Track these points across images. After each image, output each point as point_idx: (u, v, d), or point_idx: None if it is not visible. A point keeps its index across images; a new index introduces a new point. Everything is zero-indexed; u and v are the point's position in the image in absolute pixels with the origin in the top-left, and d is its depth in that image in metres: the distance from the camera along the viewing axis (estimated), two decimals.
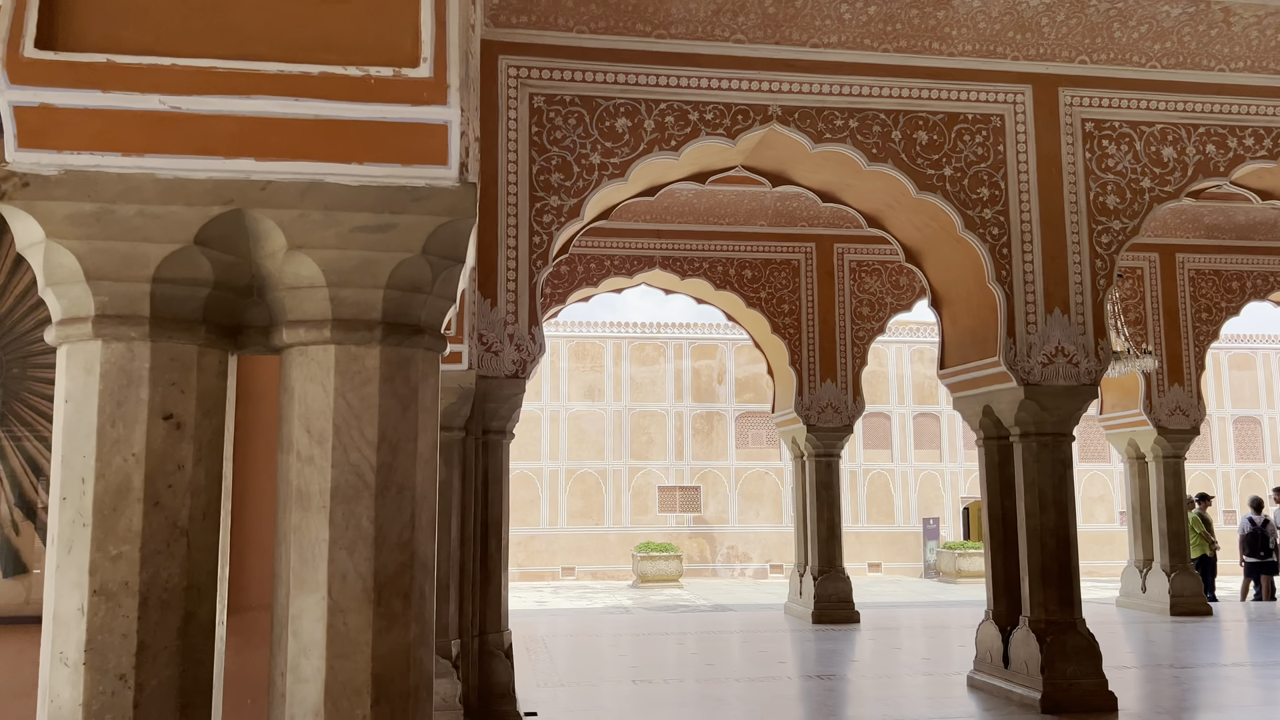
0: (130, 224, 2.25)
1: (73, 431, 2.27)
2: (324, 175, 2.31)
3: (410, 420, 2.41)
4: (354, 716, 2.26)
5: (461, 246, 2.46)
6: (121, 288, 2.27)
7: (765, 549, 33.64)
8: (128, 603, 2.22)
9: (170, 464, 2.29)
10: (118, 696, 2.19)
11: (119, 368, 2.27)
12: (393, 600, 2.33)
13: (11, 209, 2.23)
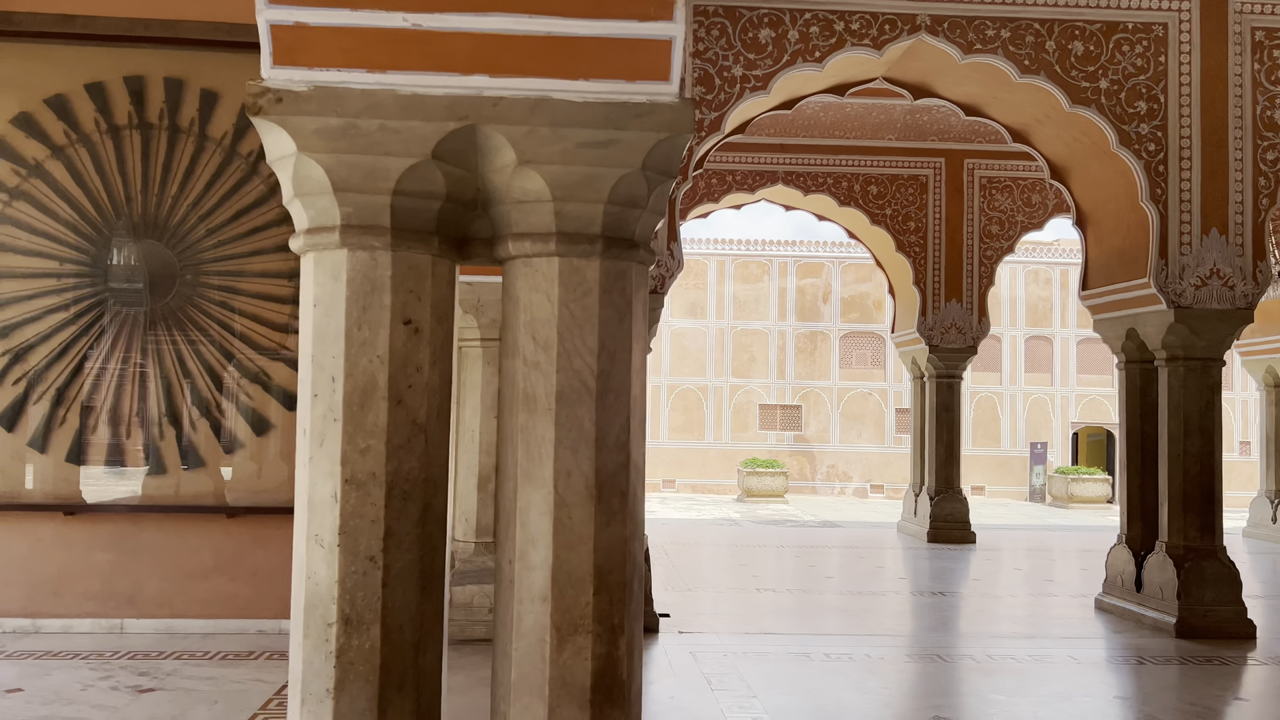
0: (373, 138, 2.38)
1: (322, 333, 2.44)
2: (551, 92, 2.39)
3: (626, 330, 2.52)
4: (578, 603, 2.43)
5: (677, 162, 2.52)
6: (365, 199, 2.41)
7: (866, 469, 33.58)
8: (375, 492, 2.41)
9: (410, 366, 2.45)
10: (368, 576, 2.40)
11: (364, 275, 2.43)
12: (611, 498, 2.47)
13: (265, 123, 2.37)
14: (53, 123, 6.17)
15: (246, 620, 6.15)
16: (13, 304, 6.13)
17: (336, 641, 2.38)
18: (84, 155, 6.18)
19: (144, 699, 4.74)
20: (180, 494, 6.18)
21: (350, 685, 2.38)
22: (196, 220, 6.24)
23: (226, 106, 6.27)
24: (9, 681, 5.01)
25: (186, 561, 6.18)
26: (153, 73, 6.23)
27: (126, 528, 6.15)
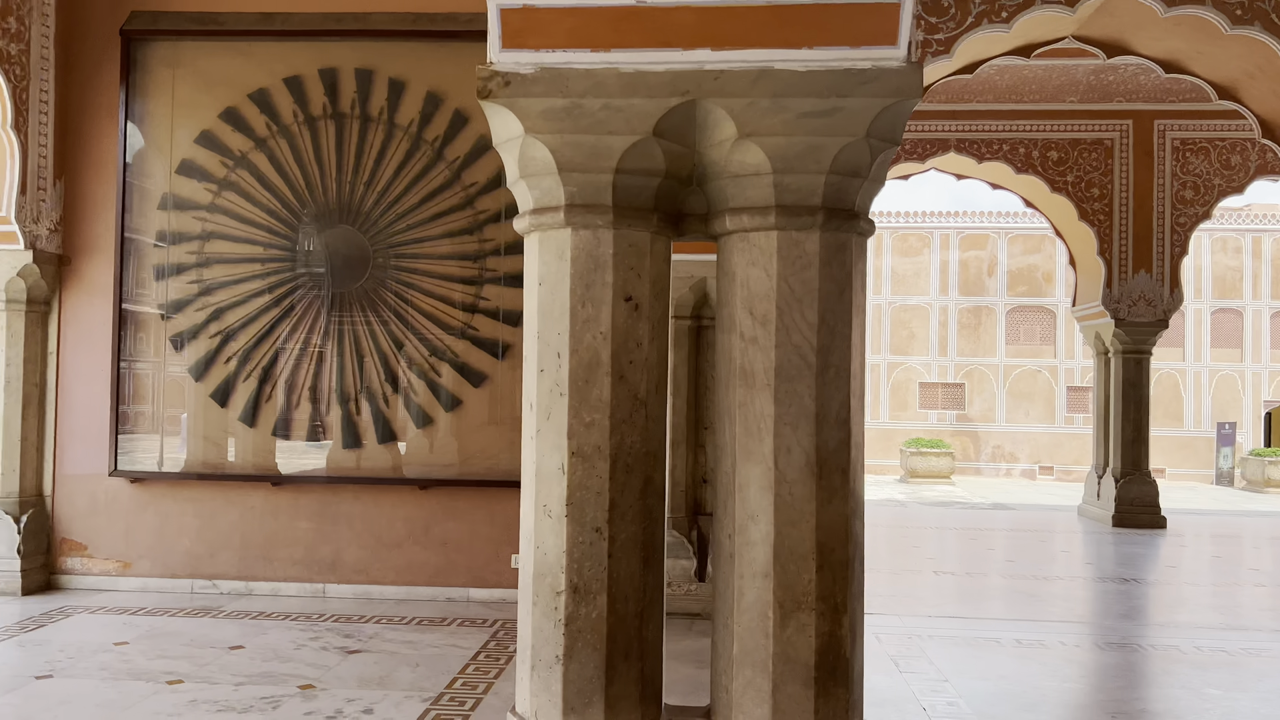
0: (596, 117, 2.40)
1: (546, 311, 2.50)
2: (774, 62, 2.35)
3: (846, 304, 2.47)
4: (800, 580, 2.41)
5: (901, 128, 2.44)
6: (589, 178, 2.45)
7: (1035, 449, 32.18)
8: (600, 465, 2.46)
9: (631, 341, 2.48)
10: (594, 546, 2.45)
11: (587, 253, 2.47)
12: (833, 475, 2.44)
13: (493, 106, 2.43)
14: (256, 116, 6.56)
15: (436, 588, 6.43)
16: (223, 288, 6.57)
17: (565, 610, 2.45)
18: (284, 146, 6.55)
19: (351, 659, 5.03)
20: (375, 467, 6.50)
21: (579, 653, 2.44)
22: (386, 206, 6.52)
23: (413, 94, 6.51)
24: (231, 639, 5.40)
25: (381, 531, 6.51)
26: (345, 64, 6.53)
27: (327, 498, 6.53)
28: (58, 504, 6.61)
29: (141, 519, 6.57)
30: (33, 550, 6.42)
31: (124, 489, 6.58)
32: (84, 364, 6.63)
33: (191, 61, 6.59)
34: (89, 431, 6.60)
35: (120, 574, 6.54)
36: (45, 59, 6.42)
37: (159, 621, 5.74)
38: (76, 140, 6.63)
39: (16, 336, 6.44)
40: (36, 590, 6.40)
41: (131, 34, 6.54)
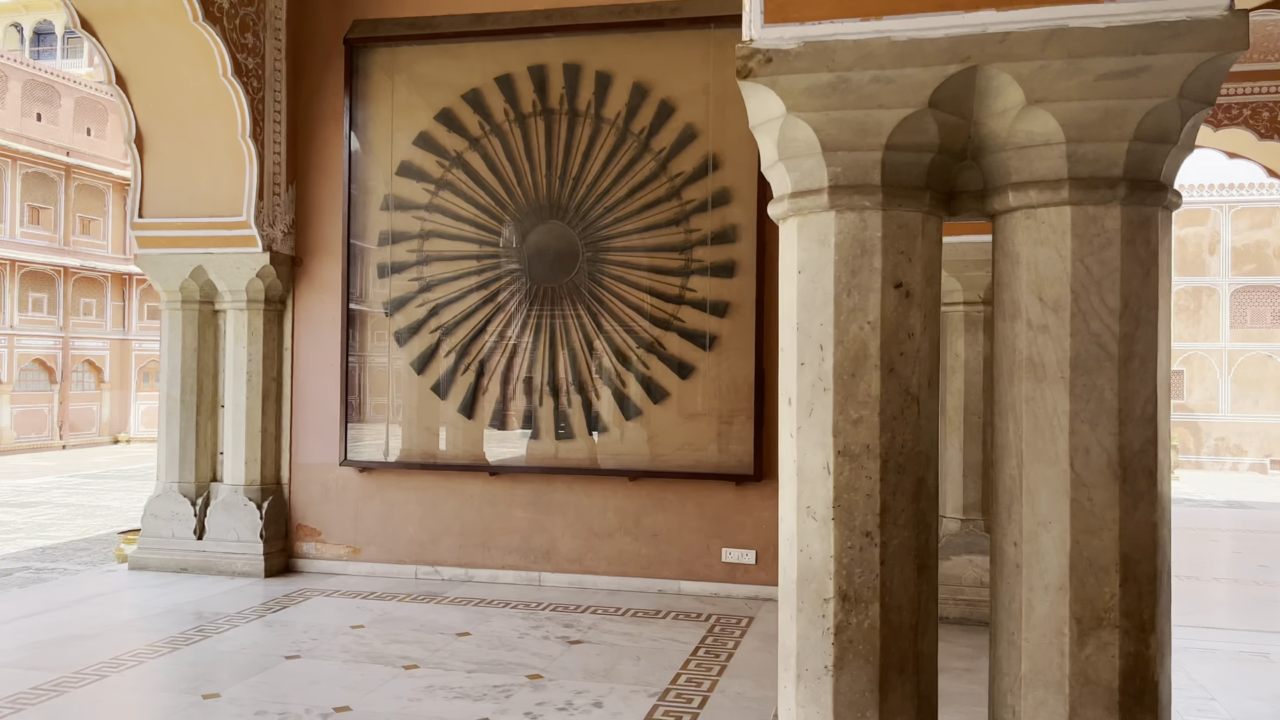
0: (864, 91, 2.23)
1: (807, 300, 2.35)
2: (1067, 20, 2.11)
3: (1151, 286, 2.20)
4: (1100, 594, 2.17)
5: (1217, 88, 2.15)
6: (855, 157, 2.28)
7: (1265, 441, 29.45)
8: (869, 465, 2.29)
9: (901, 332, 2.30)
10: (865, 552, 2.29)
11: (852, 237, 2.30)
12: (1138, 478, 2.18)
13: (753, 85, 2.30)
14: (469, 116, 6.73)
15: (647, 579, 6.42)
16: (441, 284, 6.78)
17: (834, 618, 2.30)
18: (496, 144, 6.69)
19: (574, 650, 5.06)
20: (585, 458, 6.56)
21: (850, 664, 2.29)
22: (594, 199, 6.55)
23: (619, 86, 6.50)
24: (458, 625, 5.56)
25: (593, 521, 6.56)
26: (553, 61, 6.59)
27: (540, 488, 6.64)
28: (293, 491, 7.02)
29: (369, 506, 6.89)
30: (272, 535, 6.85)
31: (353, 478, 6.92)
32: (315, 359, 7.01)
33: (409, 66, 6.83)
34: (320, 423, 6.98)
35: (350, 559, 6.89)
36: (278, 71, 6.81)
37: (389, 606, 5.99)
38: (305, 147, 7.00)
39: (256, 334, 6.87)
40: (277, 572, 6.82)
41: (354, 42, 6.84)
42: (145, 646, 5.08)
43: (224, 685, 4.47)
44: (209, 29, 6.20)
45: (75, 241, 24.12)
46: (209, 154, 6.68)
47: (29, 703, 4.21)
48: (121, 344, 25.52)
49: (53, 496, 12.86)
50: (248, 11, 6.52)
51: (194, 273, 6.83)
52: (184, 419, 6.89)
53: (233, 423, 6.87)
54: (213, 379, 7.01)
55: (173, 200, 6.80)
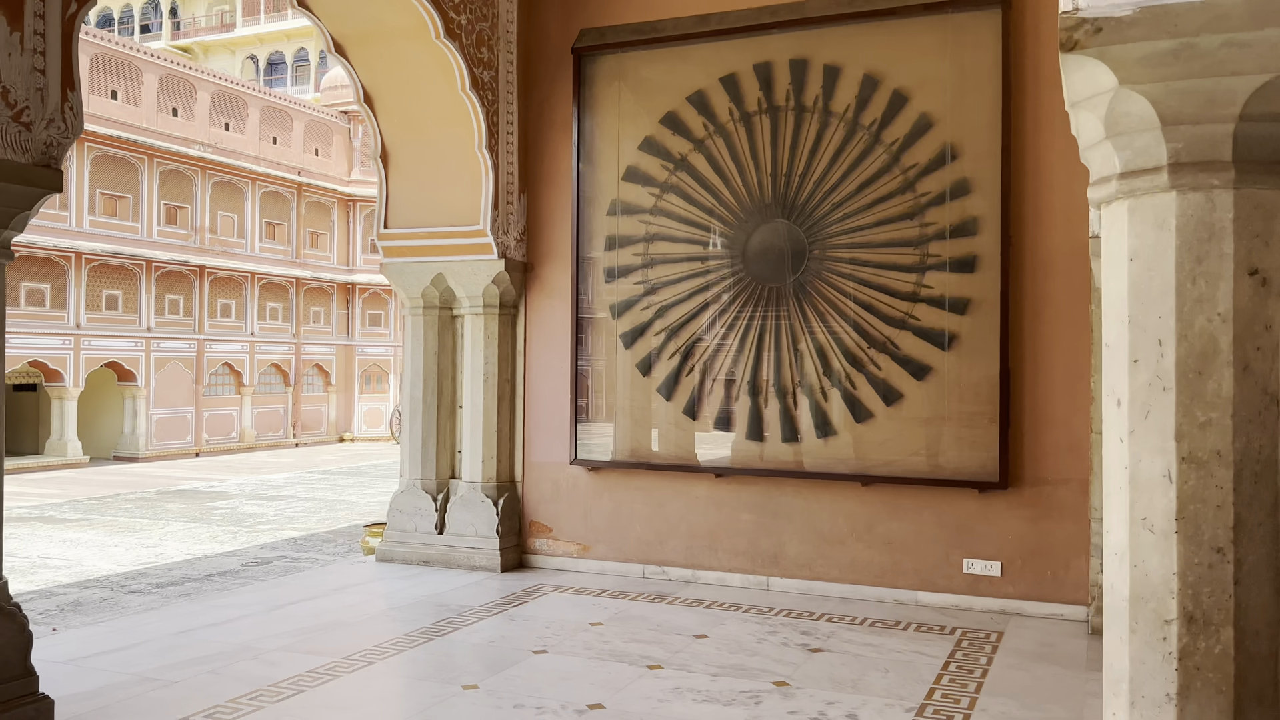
0: (1214, 58, 2.01)
1: (1141, 291, 2.14)
2: None
3: None
4: None
5: None
6: (1200, 131, 2.06)
7: None
8: (1220, 473, 2.06)
9: (1257, 324, 2.05)
10: (1214, 570, 2.06)
11: (1196, 220, 2.08)
12: None
13: (1079, 59, 2.12)
14: (694, 118, 6.73)
15: (882, 588, 6.21)
16: (665, 286, 6.81)
17: (1177, 642, 2.09)
18: (720, 144, 6.66)
19: (816, 659, 4.94)
20: (813, 462, 6.41)
21: (1197, 693, 2.07)
22: (822, 196, 6.40)
23: (848, 79, 6.33)
24: (692, 627, 5.54)
25: (823, 527, 6.41)
26: (779, 57, 6.49)
27: (768, 491, 6.54)
28: (526, 489, 7.24)
29: (598, 505, 7.00)
30: (508, 531, 7.08)
31: (582, 476, 7.05)
32: (546, 361, 7.20)
33: (634, 71, 6.91)
34: (551, 423, 7.16)
35: (580, 556, 7.02)
36: (510, 83, 7.04)
37: (622, 605, 6.05)
38: (535, 156, 7.21)
39: (491, 337, 7.13)
40: (512, 567, 7.04)
41: (581, 51, 6.98)
42: (402, 636, 5.34)
43: (480, 676, 4.62)
44: (449, 45, 6.47)
45: (305, 254, 26.02)
46: (448, 166, 6.99)
47: (308, 684, 4.50)
48: (346, 349, 27.32)
49: (296, 491, 13.89)
50: (483, 27, 6.78)
51: (434, 280, 7.16)
52: (425, 419, 7.24)
53: (470, 423, 7.15)
54: (451, 381, 7.33)
55: (415, 211, 7.15)
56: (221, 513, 11.66)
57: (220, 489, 14.13)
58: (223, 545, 9.31)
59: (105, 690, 4.38)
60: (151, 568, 8.22)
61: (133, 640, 5.21)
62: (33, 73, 3.92)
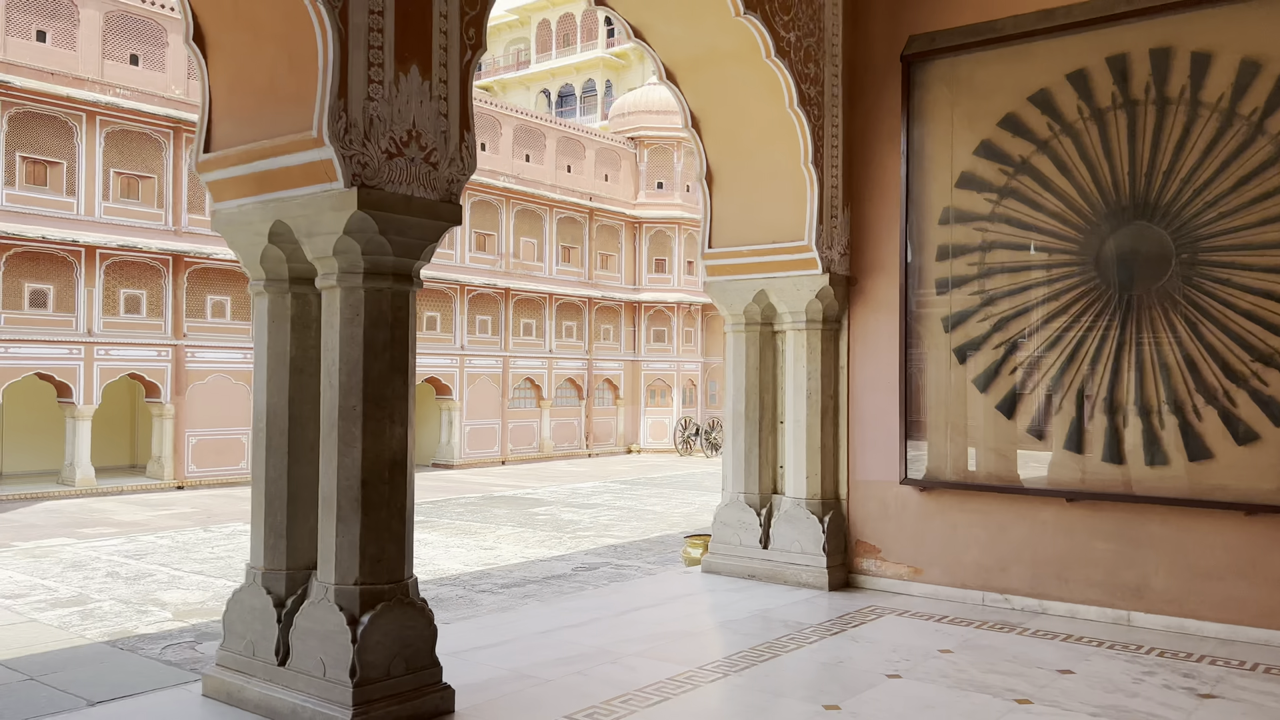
0: None
1: None
2: None
3: None
4: None
5: None
6: None
7: None
8: None
9: None
10: None
11: None
12: None
13: None
14: (1036, 118, 6.36)
15: (1270, 630, 5.53)
16: (1005, 297, 6.47)
17: None
18: (1067, 145, 6.24)
19: (1210, 706, 4.46)
20: (1184, 487, 5.83)
21: None
22: (1191, 195, 5.83)
23: (1221, 66, 5.74)
24: (1053, 661, 5.19)
25: (1196, 559, 5.81)
26: (1136, 48, 6.01)
27: (1128, 518, 6.03)
28: (851, 507, 7.11)
29: (929, 527, 6.75)
30: (833, 549, 6.98)
31: (912, 496, 6.83)
32: (871, 376, 7.05)
33: (968, 75, 6.64)
34: (878, 440, 6.99)
35: (910, 579, 6.80)
36: (835, 96, 6.98)
37: (966, 632, 5.78)
38: (860, 169, 7.10)
39: (814, 353, 7.08)
40: (838, 587, 6.93)
41: (911, 58, 6.81)
42: (747, 649, 5.38)
43: (838, 697, 4.55)
44: (779, 64, 6.52)
45: (596, 275, 27.27)
46: (770, 184, 7.03)
47: (672, 692, 4.62)
48: (632, 365, 28.33)
49: (604, 500, 14.52)
50: (810, 43, 6.77)
51: (756, 296, 7.22)
52: (748, 433, 7.30)
53: (793, 438, 7.14)
54: (773, 396, 7.35)
55: (737, 229, 7.25)
56: (543, 519, 12.37)
57: (535, 496, 15.03)
58: (550, 550, 9.86)
59: (490, 684, 4.72)
60: (493, 569, 8.84)
61: (501, 637, 5.59)
62: (438, 117, 4.32)
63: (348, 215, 4.06)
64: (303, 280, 4.57)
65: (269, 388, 4.57)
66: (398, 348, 4.34)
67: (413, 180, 4.23)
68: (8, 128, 15.55)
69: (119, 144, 16.81)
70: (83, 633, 6.52)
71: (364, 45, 4.06)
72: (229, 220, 4.54)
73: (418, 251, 4.34)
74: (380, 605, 4.15)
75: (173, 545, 10.24)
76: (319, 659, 4.15)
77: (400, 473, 4.32)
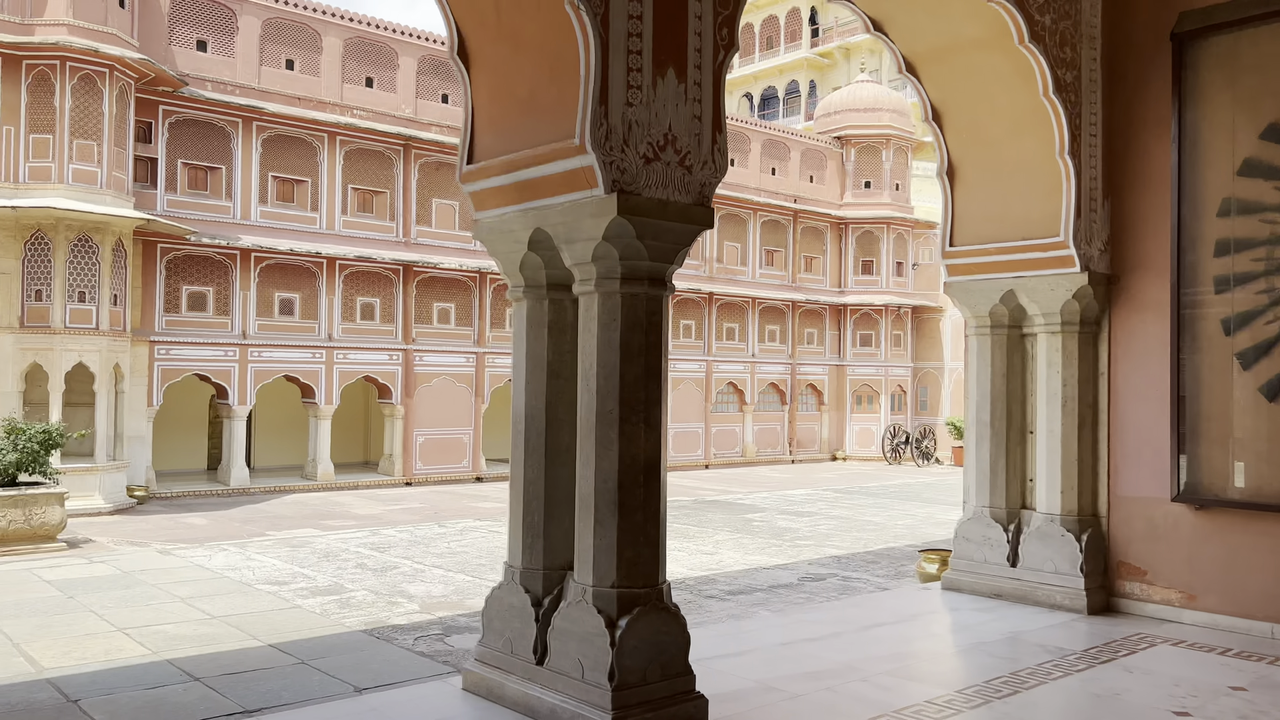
0: None
1: None
2: None
3: None
4: None
5: None
6: None
7: None
8: None
9: None
10: None
11: None
12: None
13: None
14: None
15: None
16: None
17: None
18: None
19: None
20: None
21: None
22: None
23: None
24: None
25: None
26: None
27: None
28: (1112, 526, 6.57)
29: (1205, 550, 6.14)
30: (1092, 570, 6.47)
31: (1185, 516, 6.23)
32: (1136, 383, 6.49)
33: (1251, 51, 6.00)
34: (1143, 453, 6.43)
35: (1182, 605, 6.20)
36: (1094, 81, 6.49)
37: (1260, 668, 5.19)
38: (1121, 158, 6.56)
39: (1070, 357, 6.59)
40: (1097, 611, 6.41)
41: (1182, 37, 6.23)
42: (1008, 673, 5.03)
43: None
44: (1032, 49, 6.11)
45: (800, 278, 26.88)
46: (1020, 177, 6.61)
47: (933, 717, 4.37)
48: (838, 370, 27.72)
49: (817, 508, 14.21)
50: (1065, 26, 6.32)
51: (1003, 297, 6.80)
52: (994, 444, 6.88)
53: (1045, 449, 6.67)
54: (1021, 404, 6.90)
55: (982, 227, 6.86)
56: (758, 525, 12.23)
57: (746, 502, 14.90)
58: (771, 558, 9.70)
59: (739, 695, 4.62)
60: (717, 575, 8.78)
61: (741, 647, 5.50)
62: (693, 120, 4.27)
63: (607, 221, 4.07)
64: (559, 286, 4.65)
65: (527, 391, 4.67)
66: (652, 352, 4.33)
67: (668, 184, 4.20)
68: (261, 150, 16.95)
69: (355, 162, 17.99)
70: (341, 620, 6.92)
71: (623, 51, 4.07)
72: (490, 229, 4.67)
73: (672, 255, 4.31)
74: (636, 609, 4.14)
75: (411, 539, 10.79)
76: (577, 660, 4.18)
77: (654, 477, 4.31)
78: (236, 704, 4.98)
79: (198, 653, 5.97)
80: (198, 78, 16.11)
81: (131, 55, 14.11)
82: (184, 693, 5.18)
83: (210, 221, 16.30)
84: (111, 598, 7.50)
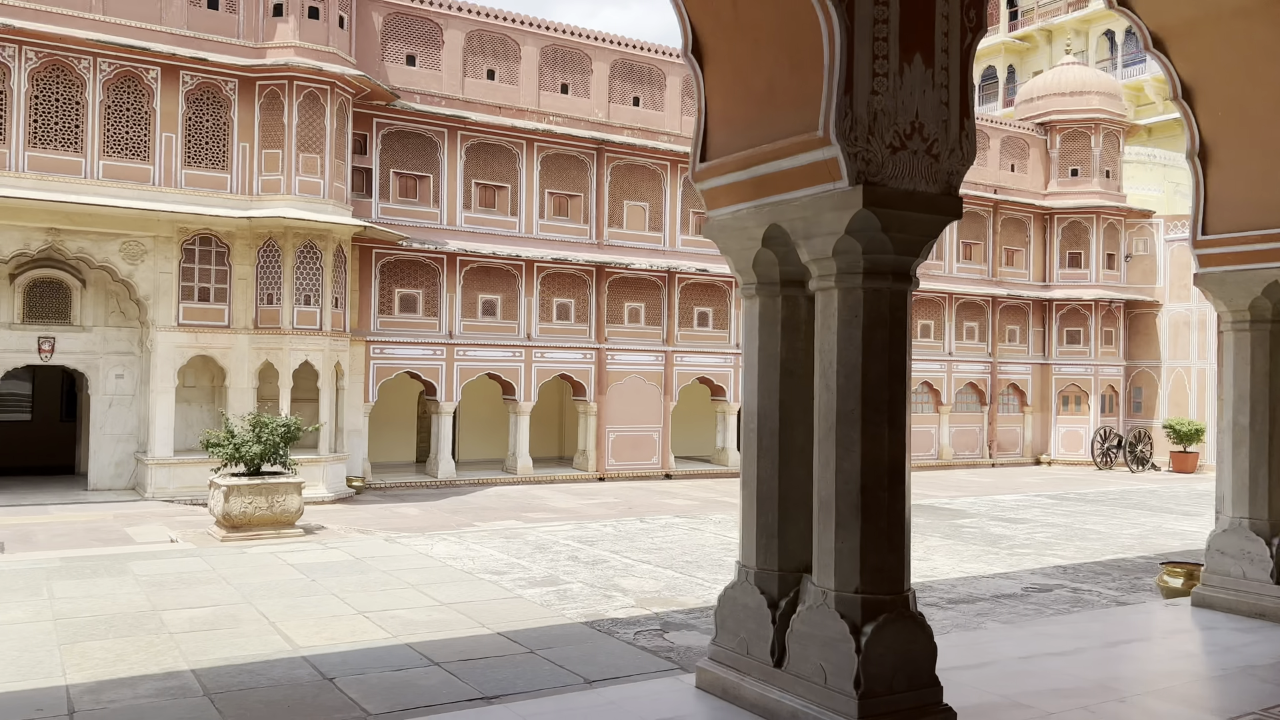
0: None
1: None
2: None
3: None
4: None
5: None
6: None
7: None
8: None
9: None
10: None
11: None
12: None
13: None
14: None
15: None
16: None
17: None
18: None
19: None
20: None
21: None
22: None
23: None
24: None
25: None
26: None
27: None
28: None
29: None
30: None
31: None
32: None
33: None
34: None
35: None
36: None
37: None
38: None
39: None
40: None
41: None
42: None
43: None
44: None
45: (1001, 272, 25.65)
46: None
47: None
48: (1042, 369, 26.29)
49: (1031, 514, 13.48)
50: None
51: (1266, 289, 6.20)
52: (1253, 449, 6.29)
53: None
54: None
55: (1241, 212, 6.28)
56: (970, 531, 11.71)
57: (952, 506, 14.31)
58: (989, 566, 9.25)
59: (985, 710, 4.40)
60: (933, 582, 8.45)
61: (980, 659, 5.24)
62: (940, 106, 4.09)
63: (851, 214, 3.95)
64: (792, 283, 4.55)
65: (760, 390, 4.60)
66: (895, 349, 4.17)
67: (915, 174, 4.03)
68: (465, 158, 17.68)
69: (551, 166, 18.50)
70: (562, 611, 7.08)
71: (869, 38, 3.93)
72: (722, 227, 4.63)
73: (917, 248, 4.14)
74: (882, 616, 4.00)
75: (616, 534, 10.95)
76: (819, 665, 4.08)
77: (899, 480, 4.14)
78: (476, 690, 5.16)
79: (433, 638, 6.24)
80: (407, 90, 16.98)
81: (350, 72, 15.02)
82: (425, 676, 5.42)
83: (419, 227, 17.17)
84: (349, 582, 7.97)
